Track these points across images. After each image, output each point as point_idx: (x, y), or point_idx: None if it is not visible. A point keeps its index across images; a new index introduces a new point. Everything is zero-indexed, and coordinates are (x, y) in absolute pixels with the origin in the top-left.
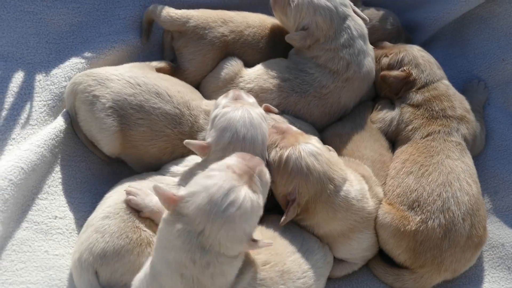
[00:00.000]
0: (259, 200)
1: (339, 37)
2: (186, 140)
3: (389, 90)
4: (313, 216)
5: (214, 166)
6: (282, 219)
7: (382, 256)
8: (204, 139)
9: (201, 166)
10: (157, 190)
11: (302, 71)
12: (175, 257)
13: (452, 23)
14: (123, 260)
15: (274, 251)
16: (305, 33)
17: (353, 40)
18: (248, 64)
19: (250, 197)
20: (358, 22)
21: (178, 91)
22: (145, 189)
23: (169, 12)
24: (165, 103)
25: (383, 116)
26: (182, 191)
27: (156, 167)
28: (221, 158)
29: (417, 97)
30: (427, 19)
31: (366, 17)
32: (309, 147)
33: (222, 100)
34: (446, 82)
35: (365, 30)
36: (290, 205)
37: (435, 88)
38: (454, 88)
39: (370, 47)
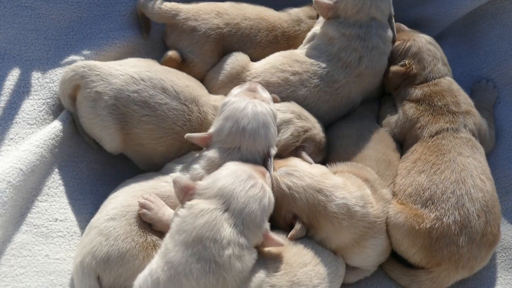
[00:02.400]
0: (272, 195)
1: (357, 27)
2: (187, 134)
3: (388, 85)
4: (320, 231)
5: (229, 163)
6: (290, 233)
7: (396, 258)
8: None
9: (200, 158)
10: (177, 180)
11: (313, 64)
12: (195, 238)
13: (461, 19)
14: (127, 265)
15: (285, 260)
16: (332, 5)
17: (369, 36)
18: (251, 59)
19: (267, 190)
20: (384, 27)
21: (186, 85)
22: (158, 201)
23: (158, 4)
24: (171, 99)
25: (388, 120)
26: (201, 182)
27: (161, 164)
28: (221, 149)
29: (416, 92)
30: (436, 15)
31: (396, 35)
32: (282, 170)
33: (236, 90)
34: (449, 78)
35: (388, 35)
36: (295, 223)
37: (436, 84)
38: (457, 85)
39: (389, 48)
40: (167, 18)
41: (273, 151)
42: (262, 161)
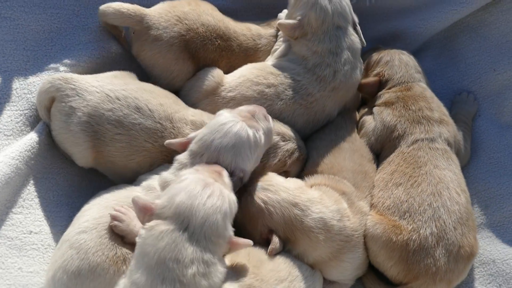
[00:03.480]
0: (233, 196)
1: (327, 41)
2: (167, 141)
3: (364, 94)
4: (297, 245)
5: (183, 172)
6: (269, 248)
7: (375, 273)
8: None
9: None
10: (136, 201)
11: (287, 77)
12: (158, 260)
13: (442, 32)
14: (98, 279)
15: (260, 276)
16: (296, 23)
17: (340, 49)
18: (219, 66)
19: (226, 193)
20: (351, 37)
21: (160, 103)
22: (130, 212)
23: (120, 6)
24: (145, 118)
25: (366, 129)
26: (159, 200)
27: (134, 178)
28: (191, 152)
29: (389, 94)
30: (417, 28)
31: (364, 42)
32: (258, 185)
33: (242, 107)
34: (423, 85)
35: (357, 46)
36: (271, 238)
37: (409, 89)
38: (432, 93)
39: (360, 61)
40: (130, 22)
41: (240, 173)
42: None
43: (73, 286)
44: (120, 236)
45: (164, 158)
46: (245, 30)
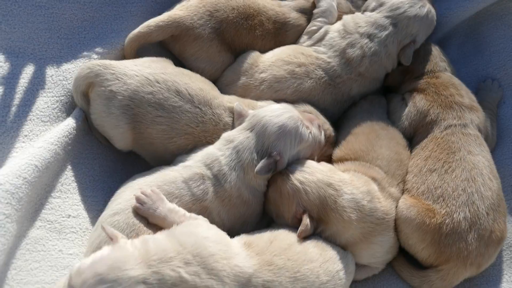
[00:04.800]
0: None
1: (376, 27)
2: (237, 103)
3: (392, 83)
4: (330, 225)
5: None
6: (299, 230)
7: (405, 257)
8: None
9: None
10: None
11: (318, 58)
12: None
13: (467, 20)
14: None
15: (286, 256)
16: None
17: (378, 40)
18: (252, 47)
19: None
20: (395, 43)
21: (200, 88)
22: (155, 195)
23: (157, 21)
24: (185, 102)
25: (399, 114)
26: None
27: (171, 160)
28: (239, 128)
29: (420, 82)
30: (442, 17)
31: (408, 60)
32: (294, 166)
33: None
34: (448, 74)
35: (393, 50)
36: (303, 218)
37: (437, 77)
38: (459, 80)
39: (390, 63)
40: (170, 32)
41: (277, 156)
42: (260, 157)
43: None
44: (145, 218)
45: (207, 142)
46: (275, 5)
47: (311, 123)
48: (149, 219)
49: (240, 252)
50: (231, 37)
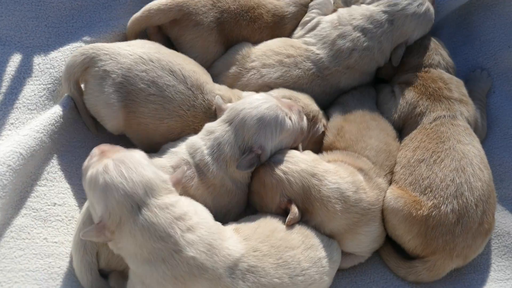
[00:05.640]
0: None
1: (371, 22)
2: (217, 96)
3: (386, 74)
4: (315, 215)
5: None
6: (288, 218)
7: (395, 247)
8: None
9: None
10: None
11: (307, 50)
12: (147, 250)
13: (457, 10)
14: None
15: (269, 242)
16: None
17: (372, 35)
18: (249, 39)
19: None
20: (390, 39)
21: (193, 70)
22: None
23: (158, 4)
24: (178, 82)
25: (388, 106)
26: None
27: (160, 145)
28: (220, 120)
29: (408, 75)
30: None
31: (396, 61)
32: (277, 157)
33: (284, 99)
34: (439, 70)
35: (387, 46)
36: (289, 208)
37: (427, 71)
38: (450, 75)
39: (381, 58)
40: (172, 15)
41: (258, 149)
42: (242, 151)
43: (100, 246)
44: None
45: (194, 128)
46: None
47: (291, 110)
48: None
49: (232, 236)
50: (230, 28)
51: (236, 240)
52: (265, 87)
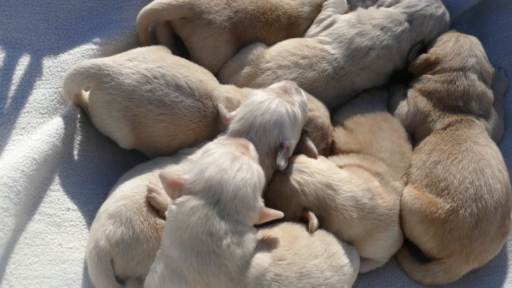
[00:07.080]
0: (260, 169)
1: (391, 21)
2: (220, 104)
3: (413, 71)
4: (332, 223)
5: (209, 145)
6: (310, 224)
7: (410, 251)
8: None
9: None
10: (163, 176)
11: (323, 50)
12: (191, 234)
13: (470, 9)
14: (141, 247)
15: (293, 250)
16: None
17: (391, 34)
18: (263, 40)
19: (254, 166)
20: (408, 39)
21: (200, 80)
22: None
23: (169, 0)
24: (186, 96)
25: (399, 111)
26: (187, 175)
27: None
28: (232, 133)
29: (430, 83)
30: (446, 6)
31: (412, 55)
32: (293, 167)
33: (273, 85)
34: (472, 75)
35: (405, 47)
36: (306, 216)
37: (453, 82)
38: (478, 82)
39: (399, 60)
40: (182, 13)
41: (288, 143)
42: (273, 151)
43: (116, 254)
44: (155, 210)
45: (207, 136)
46: None
47: (287, 93)
48: (162, 210)
49: (261, 245)
50: (244, 29)
51: (264, 248)
52: None
